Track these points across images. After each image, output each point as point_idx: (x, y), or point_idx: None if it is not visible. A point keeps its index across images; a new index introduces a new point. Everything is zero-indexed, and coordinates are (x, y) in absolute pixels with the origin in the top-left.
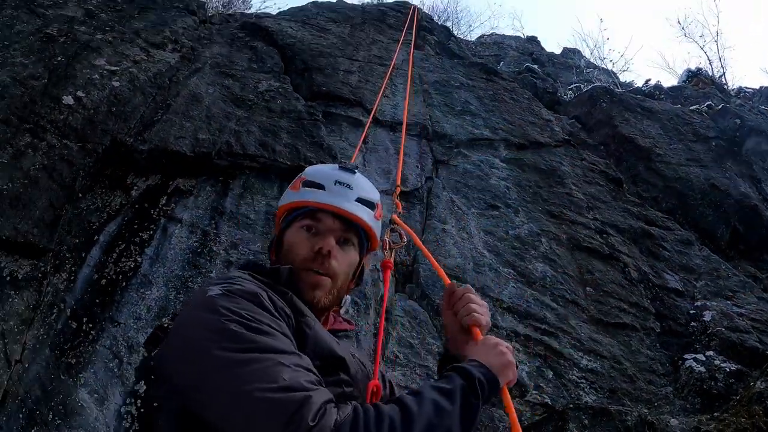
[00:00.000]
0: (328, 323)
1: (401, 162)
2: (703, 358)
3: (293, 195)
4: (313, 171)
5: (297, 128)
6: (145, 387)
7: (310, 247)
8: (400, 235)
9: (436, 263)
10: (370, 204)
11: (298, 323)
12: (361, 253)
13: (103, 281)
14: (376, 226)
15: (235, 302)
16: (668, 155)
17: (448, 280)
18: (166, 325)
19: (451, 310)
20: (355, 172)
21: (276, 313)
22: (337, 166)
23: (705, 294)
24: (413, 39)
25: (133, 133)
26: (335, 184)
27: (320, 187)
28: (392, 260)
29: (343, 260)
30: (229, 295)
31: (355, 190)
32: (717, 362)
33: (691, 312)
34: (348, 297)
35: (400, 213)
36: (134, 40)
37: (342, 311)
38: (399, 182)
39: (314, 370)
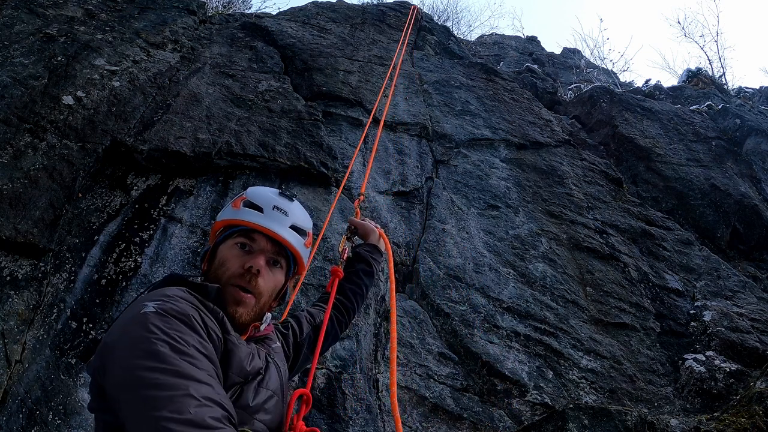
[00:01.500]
0: (247, 334)
1: (369, 167)
2: (703, 358)
3: (233, 213)
4: (254, 193)
5: (297, 128)
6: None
7: (241, 264)
8: (353, 241)
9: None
10: (302, 232)
11: (225, 342)
12: (287, 275)
13: (103, 281)
14: (304, 253)
15: (166, 322)
16: (668, 155)
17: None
18: (99, 339)
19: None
20: (293, 200)
21: (205, 336)
22: (277, 191)
23: (705, 294)
24: (406, 36)
25: (133, 133)
26: (273, 209)
27: (259, 209)
28: (341, 269)
29: (270, 280)
30: (162, 314)
31: (291, 218)
32: (717, 362)
33: (691, 312)
34: (269, 314)
35: (354, 220)
36: (134, 40)
37: (261, 327)
38: (363, 190)
39: (224, 402)
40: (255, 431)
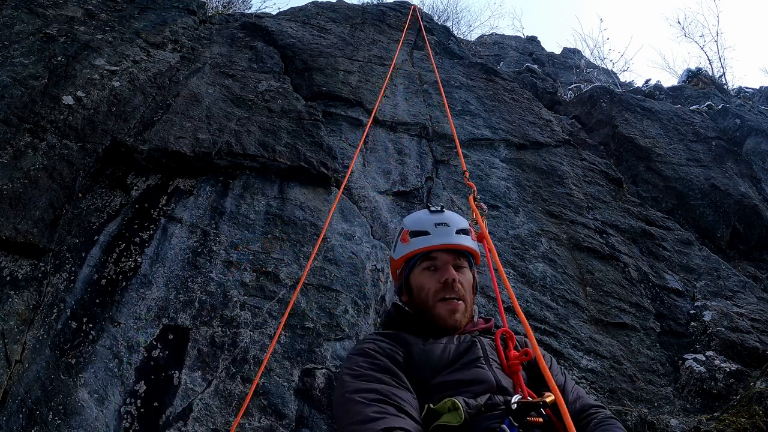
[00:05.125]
0: (462, 331)
1: (459, 149)
2: (703, 358)
3: (406, 246)
4: (413, 223)
5: (297, 128)
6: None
7: (436, 281)
8: (482, 206)
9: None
10: (465, 231)
11: (406, 350)
12: (471, 269)
13: (103, 281)
14: (475, 246)
15: (349, 361)
16: (668, 155)
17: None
18: None
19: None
20: (444, 210)
21: (379, 356)
22: (428, 210)
23: (705, 294)
24: (422, 36)
25: (133, 133)
26: (436, 227)
27: (426, 233)
28: (486, 231)
29: (464, 281)
30: (349, 356)
31: (452, 226)
32: (717, 362)
33: (691, 312)
34: (476, 307)
35: (475, 195)
36: (134, 40)
37: (475, 319)
38: (464, 167)
39: (394, 396)
40: (466, 401)
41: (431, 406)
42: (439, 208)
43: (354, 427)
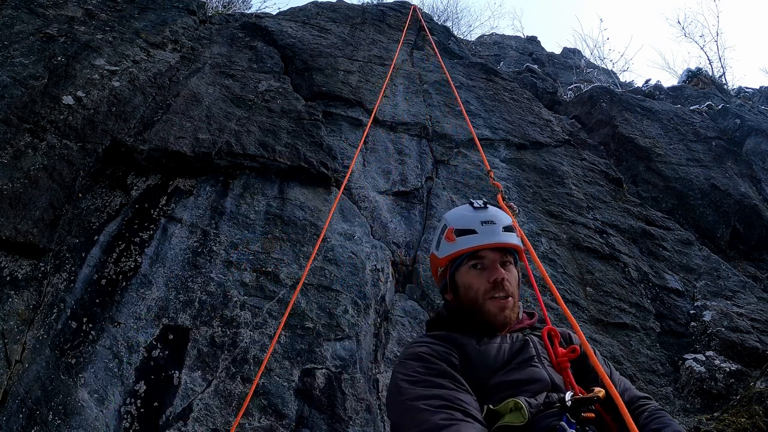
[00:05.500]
0: (509, 328)
1: (479, 146)
2: (703, 358)
3: (453, 245)
4: (458, 220)
5: (297, 128)
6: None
7: (485, 280)
8: (512, 206)
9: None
10: (511, 228)
11: (462, 352)
12: (517, 266)
13: (103, 281)
14: (520, 243)
15: (403, 366)
16: (668, 155)
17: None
18: None
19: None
20: (488, 207)
21: (435, 359)
22: (471, 207)
23: (705, 294)
24: (422, 36)
25: (133, 133)
26: (482, 225)
27: (473, 232)
28: (521, 230)
29: (512, 279)
30: (402, 361)
31: (499, 224)
32: (717, 362)
33: (691, 312)
34: (520, 303)
35: (502, 192)
36: (134, 40)
37: (520, 316)
38: (488, 167)
39: (458, 401)
40: (528, 400)
41: (491, 407)
42: (482, 204)
43: None
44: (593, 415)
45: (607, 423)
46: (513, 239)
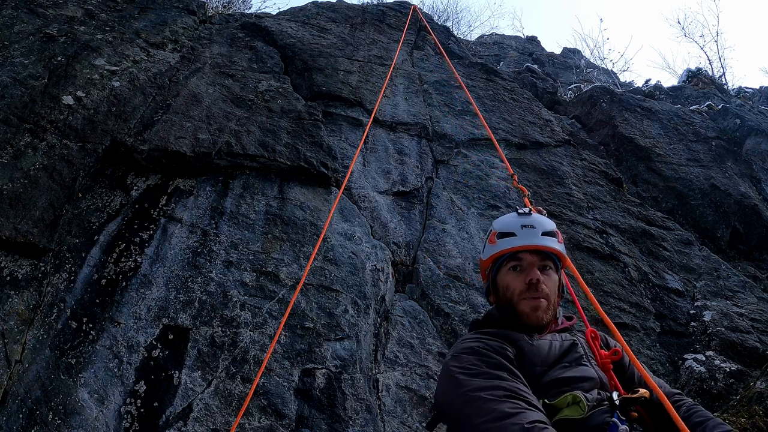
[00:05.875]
0: (549, 330)
1: (499, 150)
2: (703, 358)
3: (493, 247)
4: (501, 224)
5: (297, 128)
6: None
7: (522, 281)
8: (540, 210)
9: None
10: (552, 233)
11: (516, 347)
12: (557, 271)
13: (103, 281)
14: (561, 248)
15: (458, 360)
16: (668, 155)
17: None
18: None
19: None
20: (531, 214)
21: (491, 353)
22: (516, 213)
23: (705, 294)
24: (422, 36)
25: (133, 133)
26: (522, 228)
27: (512, 234)
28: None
29: (549, 282)
30: (456, 356)
31: (538, 228)
32: (717, 362)
33: (691, 312)
34: (560, 308)
35: (528, 195)
36: (134, 40)
37: (559, 321)
38: (510, 170)
39: (520, 391)
40: (585, 395)
41: (547, 401)
42: (527, 211)
43: (492, 424)
44: (636, 414)
45: (646, 421)
46: (552, 243)
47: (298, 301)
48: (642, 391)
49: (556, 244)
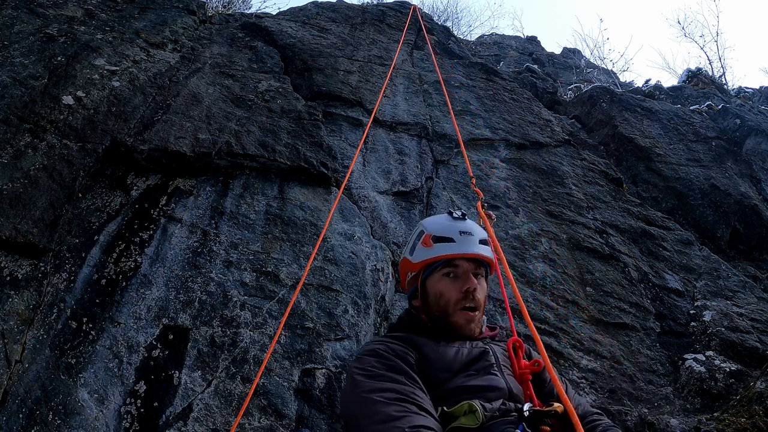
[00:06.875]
0: (468, 339)
1: (464, 153)
2: (703, 358)
3: (428, 251)
4: (437, 227)
5: (297, 128)
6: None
7: (458, 290)
8: (490, 215)
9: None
10: (486, 242)
11: (420, 353)
12: (487, 279)
13: (103, 281)
14: (493, 257)
15: (360, 362)
16: (668, 155)
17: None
18: None
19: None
20: (466, 218)
21: (392, 356)
22: (450, 216)
23: (705, 294)
24: (425, 37)
25: (133, 133)
26: (461, 235)
27: (451, 240)
28: (496, 240)
29: (482, 290)
30: (358, 357)
31: (476, 235)
32: (717, 362)
33: (691, 312)
34: (484, 317)
35: (482, 200)
36: (134, 40)
37: (483, 328)
38: (471, 173)
39: (413, 395)
40: (483, 404)
41: (445, 409)
42: (461, 215)
43: (376, 426)
44: (549, 429)
45: None
46: (488, 252)
47: (298, 301)
48: (556, 405)
49: (490, 253)
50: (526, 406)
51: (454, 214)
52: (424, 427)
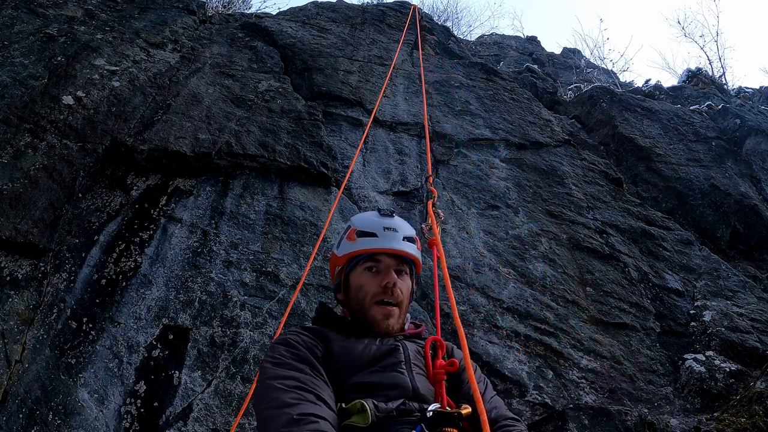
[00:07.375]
0: (383, 336)
1: (429, 152)
2: (703, 358)
3: (352, 245)
4: (362, 222)
5: (297, 128)
6: None
7: (377, 284)
8: (439, 213)
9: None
10: (412, 239)
11: (327, 347)
12: (412, 277)
13: (103, 281)
14: (418, 255)
15: (272, 350)
16: (668, 155)
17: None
18: None
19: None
20: (394, 216)
21: (300, 347)
22: (378, 213)
23: (705, 294)
24: (419, 38)
25: (133, 133)
26: (385, 230)
27: (373, 235)
28: (439, 239)
29: (404, 287)
30: (272, 346)
31: (400, 232)
32: (717, 362)
33: (691, 312)
34: (409, 315)
35: (435, 200)
36: (134, 40)
37: (406, 327)
38: (430, 171)
39: (313, 386)
40: (376, 404)
41: (343, 405)
42: (389, 213)
43: (270, 411)
44: (456, 431)
45: None
46: (411, 249)
47: (298, 301)
48: (464, 406)
49: (415, 251)
50: (431, 407)
51: (382, 211)
52: (314, 414)
